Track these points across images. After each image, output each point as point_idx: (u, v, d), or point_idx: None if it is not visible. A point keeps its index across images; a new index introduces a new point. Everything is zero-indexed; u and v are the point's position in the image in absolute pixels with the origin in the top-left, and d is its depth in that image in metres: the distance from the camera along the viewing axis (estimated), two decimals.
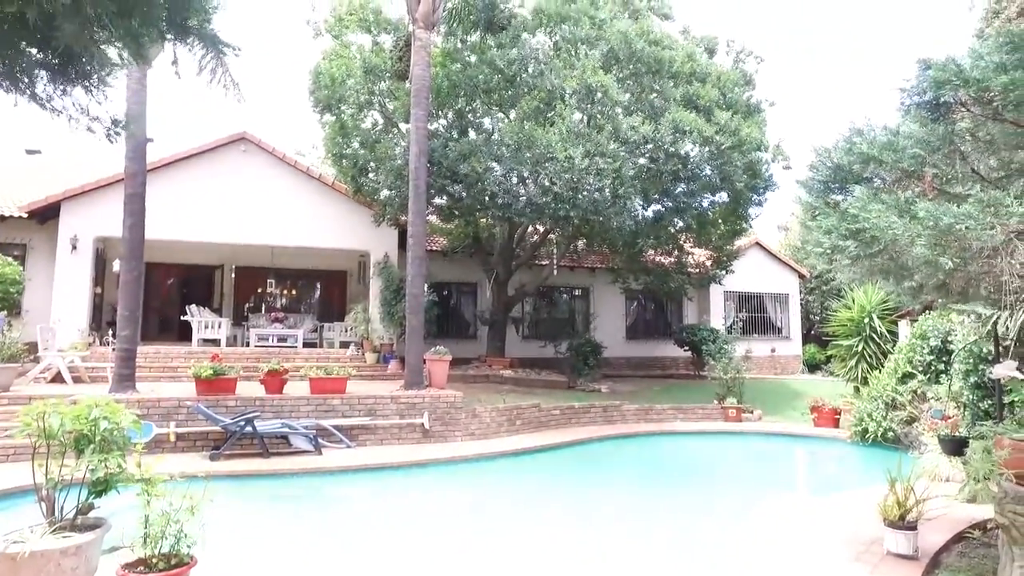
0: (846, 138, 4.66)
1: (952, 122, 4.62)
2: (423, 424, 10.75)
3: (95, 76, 3.10)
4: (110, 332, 12.94)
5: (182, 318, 15.41)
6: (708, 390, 15.20)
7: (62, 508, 4.19)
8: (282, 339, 15.36)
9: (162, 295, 18.07)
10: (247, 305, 18.00)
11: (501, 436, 11.40)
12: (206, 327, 14.85)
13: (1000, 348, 7.03)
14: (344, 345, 15.77)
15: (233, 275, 17.94)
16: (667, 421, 13.69)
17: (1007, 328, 6.50)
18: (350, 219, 15.77)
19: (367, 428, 10.47)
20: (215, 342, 14.85)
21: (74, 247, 13.67)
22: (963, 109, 4.48)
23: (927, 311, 11.80)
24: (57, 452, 4.22)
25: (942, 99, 4.57)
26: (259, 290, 18.69)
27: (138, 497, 4.04)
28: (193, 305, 15.36)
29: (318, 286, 19.92)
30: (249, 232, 14.97)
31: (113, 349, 10.76)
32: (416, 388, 11.52)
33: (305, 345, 15.71)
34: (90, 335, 13.62)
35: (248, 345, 15.24)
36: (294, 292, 19.54)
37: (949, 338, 10.74)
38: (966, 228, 3.69)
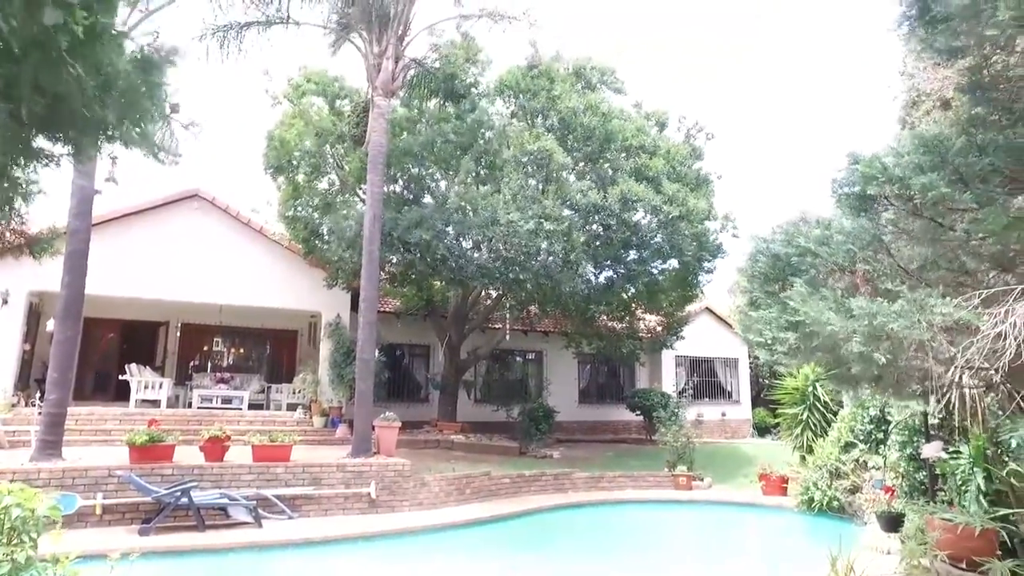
0: (784, 230, 4.92)
1: (878, 214, 4.94)
2: (370, 494, 10.43)
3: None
4: (38, 393, 12.27)
5: (121, 377, 14.75)
6: (660, 456, 15.24)
7: None
8: (227, 400, 14.82)
9: (101, 351, 17.29)
10: (192, 363, 17.39)
11: (450, 506, 11.13)
12: (146, 387, 14.24)
13: (929, 429, 7.31)
14: (292, 407, 15.31)
15: (178, 332, 17.35)
16: (618, 489, 13.61)
17: (934, 412, 6.79)
18: (302, 280, 15.58)
19: (311, 498, 10.09)
20: (155, 403, 14.22)
21: (4, 301, 13.05)
22: (888, 203, 4.80)
23: None
24: None
25: (869, 192, 4.90)
26: (205, 348, 18.12)
27: None
28: (134, 364, 14.74)
29: (267, 346, 19.40)
30: (198, 290, 14.61)
31: (39, 412, 10.18)
32: (364, 455, 11.21)
33: (251, 407, 15.18)
34: (15, 395, 12.87)
35: (191, 406, 14.65)
36: (242, 351, 19.01)
37: (888, 408, 11.12)
38: (897, 325, 3.90)
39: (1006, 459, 6.65)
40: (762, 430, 23.49)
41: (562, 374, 21.04)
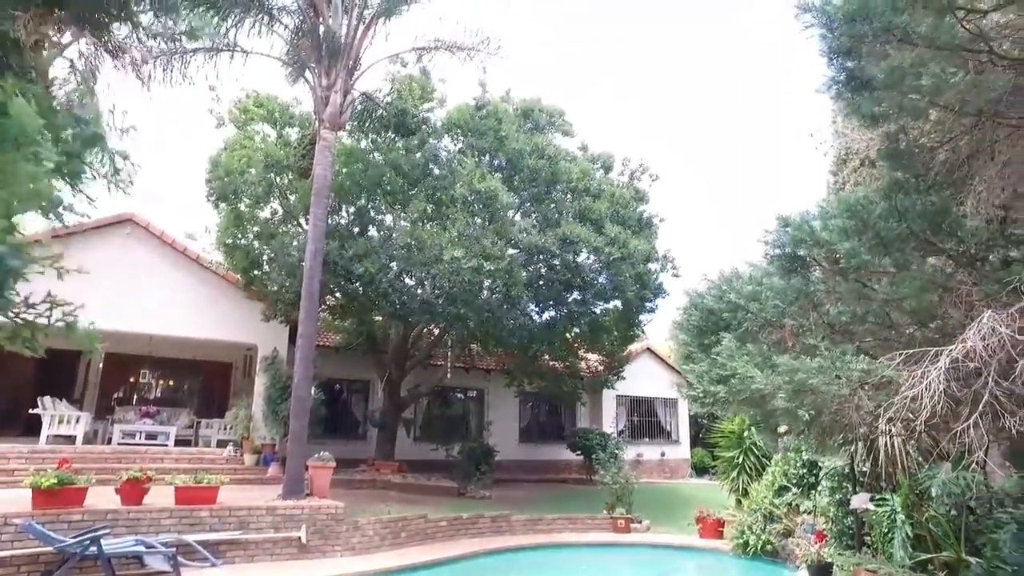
0: (717, 286, 5.04)
1: (808, 274, 5.13)
2: (300, 538, 9.96)
3: None
4: None
5: (31, 411, 13.79)
6: (599, 496, 15.19)
7: None
8: (151, 436, 14.02)
9: (12, 383, 16.17)
10: (116, 396, 16.46)
11: (385, 550, 10.74)
12: (60, 422, 13.33)
13: (857, 476, 7.54)
14: (222, 444, 14.62)
15: (101, 363, 16.43)
16: (557, 532, 13.45)
17: (860, 460, 7.01)
18: (239, 311, 15.05)
19: (237, 543, 9.55)
20: (70, 439, 13.32)
21: None
22: (817, 264, 5.00)
23: None
24: None
25: (799, 254, 5.09)
26: (131, 380, 17.20)
27: None
28: (47, 397, 13.83)
29: (199, 378, 18.55)
30: (126, 319, 13.85)
31: None
32: (295, 497, 10.75)
33: (179, 443, 14.41)
34: None
35: (110, 442, 13.80)
36: (172, 383, 18.12)
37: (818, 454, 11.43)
38: (817, 381, 4.03)
39: (925, 506, 6.90)
40: (700, 470, 23.80)
41: (503, 413, 20.88)
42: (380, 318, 16.40)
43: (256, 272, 14.72)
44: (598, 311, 16.54)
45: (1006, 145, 5.45)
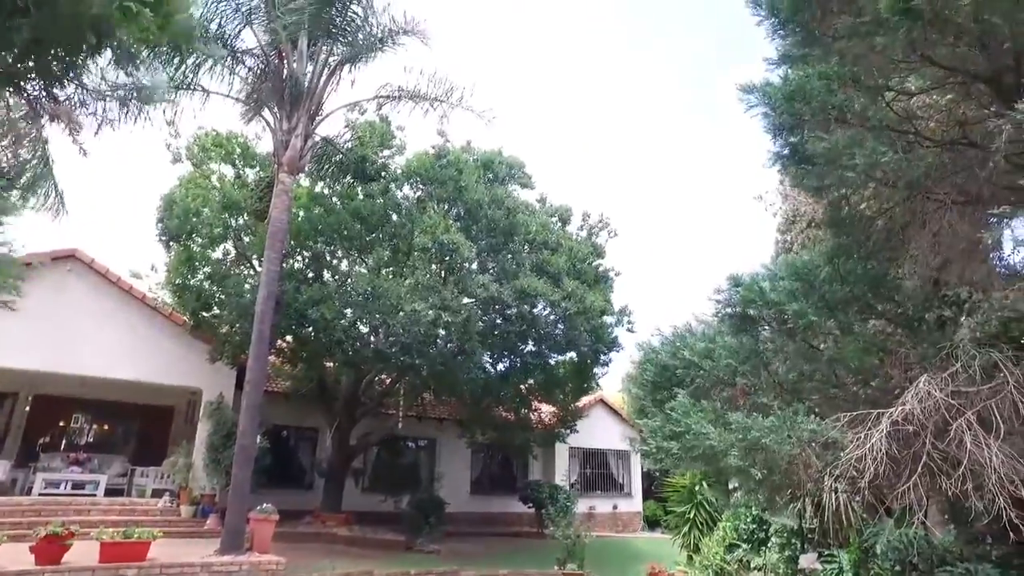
0: (671, 342, 5.14)
1: (758, 333, 5.30)
2: None
3: None
4: None
5: None
6: (551, 551, 14.86)
7: None
8: (79, 486, 13.18)
9: None
10: (41, 442, 15.45)
11: None
12: None
13: (805, 533, 7.63)
14: (158, 494, 13.84)
15: (28, 405, 15.49)
16: None
17: (809, 517, 7.12)
18: (185, 353, 14.53)
19: None
20: None
21: None
22: (766, 324, 5.18)
23: None
24: None
25: (749, 313, 5.27)
26: (61, 424, 16.21)
27: None
28: None
29: (137, 423, 17.57)
30: (60, 359, 13.21)
31: None
32: (234, 552, 10.20)
33: (110, 492, 13.59)
34: None
35: (30, 493, 12.91)
36: (107, 428, 17.12)
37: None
38: (769, 440, 4.12)
39: (871, 563, 7.01)
40: (653, 523, 23.63)
41: (455, 463, 20.47)
42: (332, 365, 16.04)
43: (205, 314, 14.29)
44: (553, 363, 16.57)
45: (936, 216, 5.83)
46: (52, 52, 4.51)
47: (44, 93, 5.13)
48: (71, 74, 4.91)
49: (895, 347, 5.22)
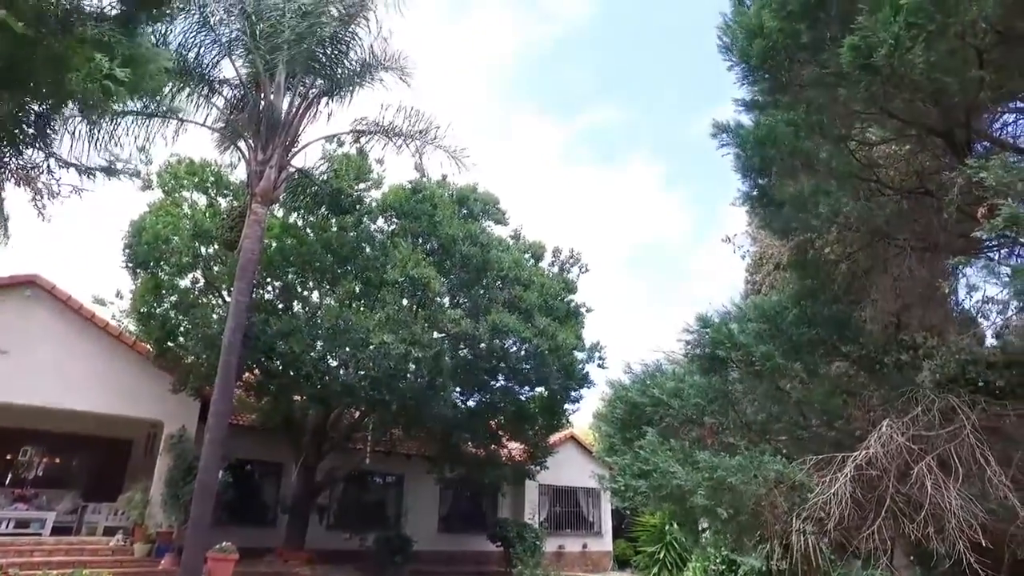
0: (641, 379, 5.18)
1: (727, 373, 5.37)
2: None
3: None
4: None
5: None
6: None
7: None
8: (23, 524, 12.56)
9: None
10: None
11: None
12: None
13: (773, 574, 7.61)
14: (111, 531, 13.26)
15: None
16: None
17: (777, 558, 7.11)
18: (147, 384, 14.12)
19: None
20: None
21: None
22: (735, 365, 5.26)
23: None
24: None
25: (718, 354, 5.34)
26: (8, 457, 15.49)
27: None
28: None
29: (92, 456, 16.81)
30: (13, 389, 12.72)
31: None
32: None
33: (59, 530, 12.97)
34: None
35: None
36: (58, 461, 16.38)
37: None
38: (736, 479, 4.14)
39: None
40: (623, 563, 23.33)
41: (423, 500, 20.05)
42: (300, 398, 15.72)
43: (171, 343, 13.96)
44: (523, 399, 16.50)
45: (896, 261, 6.03)
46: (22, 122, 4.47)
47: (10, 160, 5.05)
48: (39, 143, 4.85)
49: (858, 389, 5.34)
